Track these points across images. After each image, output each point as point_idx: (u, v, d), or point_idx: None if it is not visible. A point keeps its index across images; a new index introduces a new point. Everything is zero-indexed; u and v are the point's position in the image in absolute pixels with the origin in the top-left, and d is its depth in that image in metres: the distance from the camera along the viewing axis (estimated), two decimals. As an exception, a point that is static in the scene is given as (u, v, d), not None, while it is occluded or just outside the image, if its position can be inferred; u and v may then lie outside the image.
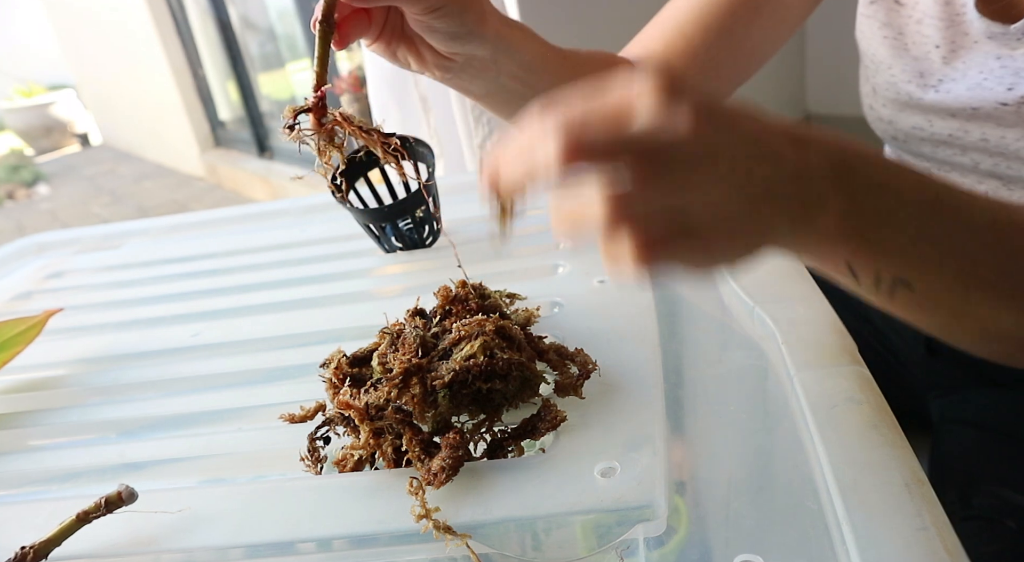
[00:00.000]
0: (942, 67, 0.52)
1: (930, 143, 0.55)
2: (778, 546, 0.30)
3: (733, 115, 0.29)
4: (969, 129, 0.52)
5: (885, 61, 0.56)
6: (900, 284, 0.35)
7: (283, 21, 3.46)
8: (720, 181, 0.28)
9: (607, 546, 0.31)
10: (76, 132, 6.48)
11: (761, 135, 0.30)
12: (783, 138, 0.30)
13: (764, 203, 0.30)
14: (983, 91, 0.50)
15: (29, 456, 0.44)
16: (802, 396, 0.37)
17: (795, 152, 0.31)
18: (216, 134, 4.33)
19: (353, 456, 0.36)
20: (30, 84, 6.63)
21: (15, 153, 6.32)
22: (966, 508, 0.51)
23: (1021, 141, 0.49)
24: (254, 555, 0.33)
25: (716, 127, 0.28)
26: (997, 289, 0.35)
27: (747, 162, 0.29)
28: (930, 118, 0.53)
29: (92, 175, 5.20)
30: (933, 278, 0.35)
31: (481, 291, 0.43)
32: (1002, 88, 0.49)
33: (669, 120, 0.27)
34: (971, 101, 0.51)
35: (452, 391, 0.35)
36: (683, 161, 0.27)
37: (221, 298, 0.62)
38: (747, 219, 0.30)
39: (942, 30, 0.51)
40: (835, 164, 0.32)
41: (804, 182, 0.31)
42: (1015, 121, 0.49)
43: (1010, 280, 0.35)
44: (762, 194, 0.30)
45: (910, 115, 0.55)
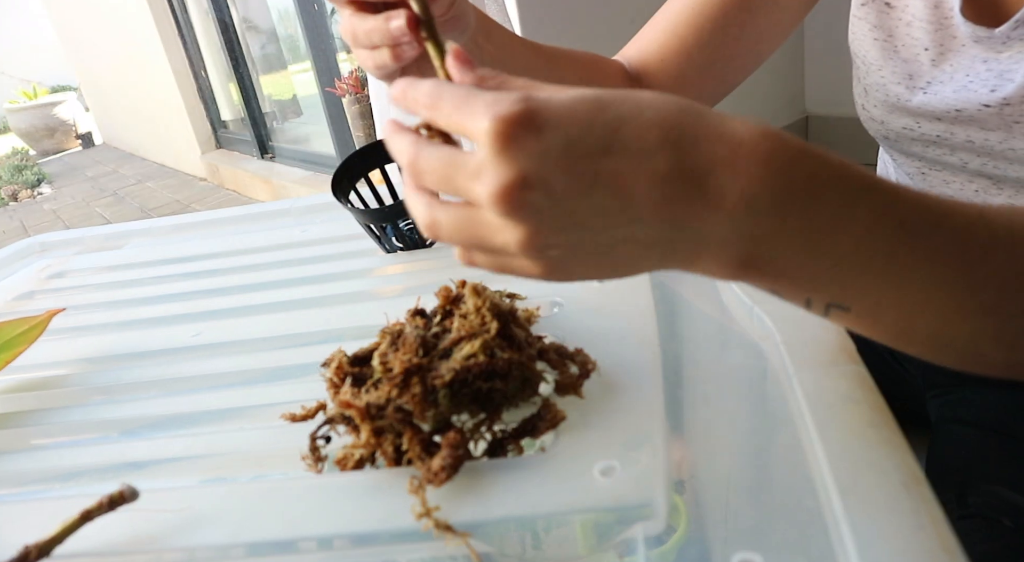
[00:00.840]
0: (931, 69, 0.52)
1: (920, 143, 0.55)
2: (777, 545, 0.30)
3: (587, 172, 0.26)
4: (955, 131, 0.52)
5: (875, 63, 0.56)
6: (834, 308, 0.32)
7: (285, 23, 3.46)
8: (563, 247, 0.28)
9: (607, 545, 0.31)
10: (79, 133, 6.50)
11: (622, 195, 0.27)
12: (662, 196, 0.27)
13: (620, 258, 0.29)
14: (968, 93, 0.50)
15: (32, 455, 0.44)
16: (801, 396, 0.37)
17: (684, 216, 0.27)
18: (218, 135, 4.34)
19: (354, 455, 0.36)
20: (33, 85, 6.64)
21: (18, 154, 6.33)
22: (963, 507, 0.52)
23: (1004, 144, 0.49)
24: (255, 553, 0.33)
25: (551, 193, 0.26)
26: (948, 307, 0.31)
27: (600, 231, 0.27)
28: (918, 120, 0.54)
29: (94, 176, 5.21)
30: (871, 305, 0.31)
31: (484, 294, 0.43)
32: (986, 90, 0.49)
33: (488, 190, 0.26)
34: (956, 103, 0.51)
35: (452, 390, 0.35)
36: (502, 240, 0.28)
37: (222, 298, 0.62)
38: (606, 273, 0.30)
39: (931, 33, 0.52)
40: (751, 234, 0.28)
41: (698, 249, 0.28)
42: (997, 124, 0.49)
43: (964, 296, 0.31)
44: (620, 252, 0.29)
45: (899, 117, 0.55)
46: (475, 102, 0.27)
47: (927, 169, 0.57)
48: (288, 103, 3.81)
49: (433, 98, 0.30)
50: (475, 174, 0.27)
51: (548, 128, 0.26)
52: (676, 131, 0.27)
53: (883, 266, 0.30)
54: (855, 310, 0.31)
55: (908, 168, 0.59)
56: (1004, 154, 0.50)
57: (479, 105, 0.27)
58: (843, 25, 0.60)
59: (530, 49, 0.59)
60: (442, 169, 0.28)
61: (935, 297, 0.31)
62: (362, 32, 0.44)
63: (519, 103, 0.26)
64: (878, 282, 0.30)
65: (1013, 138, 0.49)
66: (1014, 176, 0.50)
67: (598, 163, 0.26)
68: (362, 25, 0.44)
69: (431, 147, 0.29)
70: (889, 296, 0.31)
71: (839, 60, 2.08)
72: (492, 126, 0.26)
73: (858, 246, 0.29)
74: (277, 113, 3.82)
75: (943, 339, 0.33)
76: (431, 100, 0.30)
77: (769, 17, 0.62)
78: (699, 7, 0.62)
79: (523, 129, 0.26)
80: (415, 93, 0.31)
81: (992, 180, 0.52)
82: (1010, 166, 0.50)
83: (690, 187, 0.27)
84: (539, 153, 0.26)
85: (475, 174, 0.27)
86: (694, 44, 0.62)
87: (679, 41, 0.62)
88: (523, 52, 0.57)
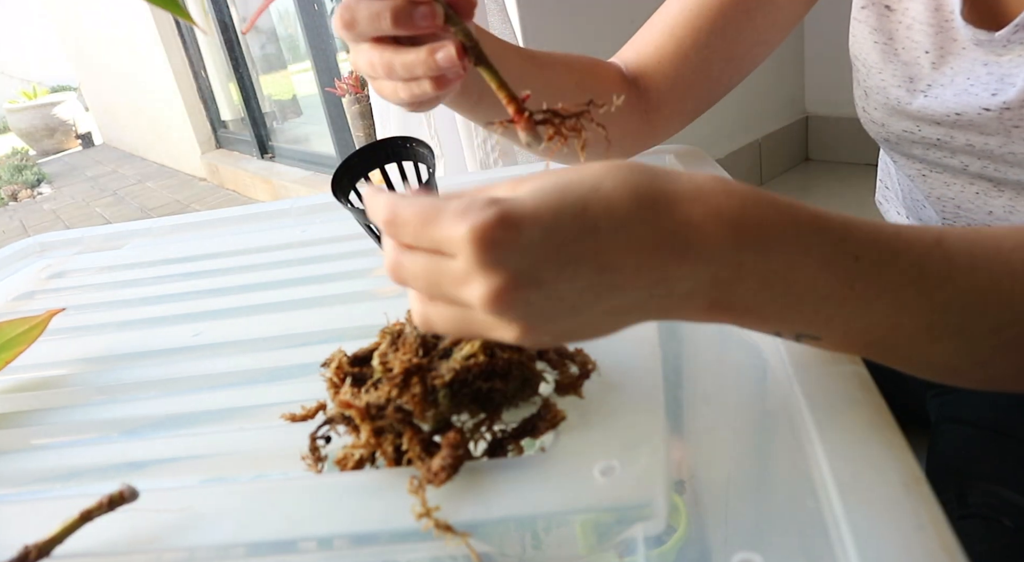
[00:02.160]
0: (931, 72, 0.52)
1: (920, 146, 0.55)
2: (777, 545, 0.30)
3: (571, 257, 0.27)
4: (955, 135, 0.52)
5: (876, 65, 0.56)
6: (804, 336, 0.33)
7: (285, 22, 3.46)
8: (553, 332, 0.29)
9: (607, 545, 0.31)
10: (79, 133, 6.50)
11: (605, 271, 0.28)
12: (637, 263, 0.28)
13: (603, 326, 0.30)
14: (968, 97, 0.50)
15: (32, 455, 0.44)
16: (801, 396, 0.37)
17: (656, 280, 0.29)
18: (218, 135, 4.34)
19: (354, 455, 0.36)
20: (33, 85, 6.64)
21: (18, 154, 6.34)
22: (963, 507, 0.52)
23: (1004, 147, 0.49)
24: (255, 553, 0.33)
25: (541, 287, 0.27)
26: (918, 330, 0.33)
27: (586, 311, 0.29)
28: (918, 124, 0.54)
29: (94, 176, 5.21)
30: (839, 333, 0.33)
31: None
32: (986, 94, 0.49)
33: (479, 296, 0.27)
34: (956, 107, 0.51)
35: (452, 390, 0.35)
36: (499, 336, 0.29)
37: (222, 298, 0.62)
38: (587, 334, 0.31)
39: (931, 36, 0.51)
40: (712, 282, 0.29)
41: (669, 303, 0.30)
42: (997, 128, 0.49)
43: (932, 320, 0.32)
44: (603, 322, 0.30)
45: (900, 120, 0.55)
46: (442, 215, 0.27)
47: (928, 171, 0.57)
48: (288, 103, 3.81)
49: (394, 215, 0.29)
50: (462, 281, 0.28)
51: (524, 225, 0.27)
52: (649, 198, 0.28)
53: (843, 299, 0.31)
54: (825, 338, 0.33)
55: (909, 170, 0.59)
56: (1004, 158, 0.50)
57: (448, 217, 0.27)
58: (843, 25, 0.60)
59: (524, 57, 0.58)
60: (427, 276, 0.29)
61: (902, 323, 0.32)
62: (401, 65, 0.43)
63: (489, 207, 0.27)
64: (842, 313, 0.31)
65: (1012, 142, 0.49)
66: (1014, 179, 0.50)
67: (579, 245, 0.27)
68: (401, 59, 0.43)
69: (413, 255, 0.29)
70: (856, 324, 0.32)
71: (839, 61, 2.09)
72: (471, 235, 0.26)
73: (815, 283, 0.30)
74: (277, 113, 3.82)
75: (919, 359, 0.35)
76: (392, 218, 0.29)
77: (767, 18, 0.62)
78: (696, 8, 0.61)
79: (501, 231, 0.26)
80: (374, 208, 0.30)
81: (993, 182, 0.52)
82: (1010, 169, 0.50)
83: (666, 250, 0.28)
84: (522, 250, 0.27)
85: (462, 281, 0.28)
86: (691, 46, 0.62)
87: (676, 43, 0.62)
88: (516, 60, 0.57)
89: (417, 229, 0.28)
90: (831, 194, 2.28)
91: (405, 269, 0.30)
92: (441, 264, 0.28)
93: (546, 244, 0.27)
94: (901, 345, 0.33)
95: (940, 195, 0.57)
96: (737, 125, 2.28)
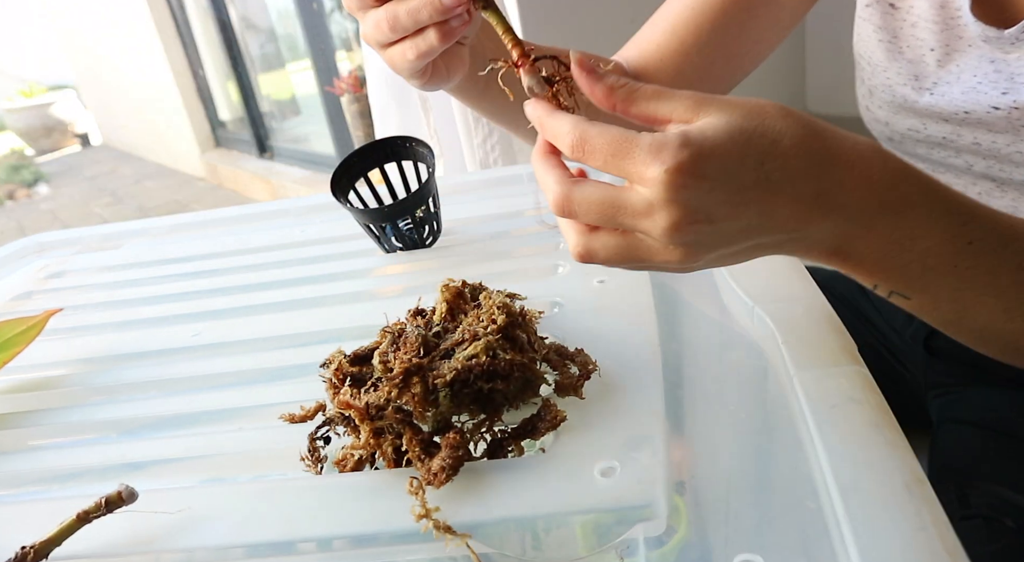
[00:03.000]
0: (937, 70, 0.52)
1: (925, 145, 0.55)
2: (778, 546, 0.30)
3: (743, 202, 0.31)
4: (962, 133, 0.52)
5: (881, 64, 0.55)
6: (896, 294, 0.37)
7: (283, 21, 3.46)
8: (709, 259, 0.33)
9: (607, 546, 0.31)
10: (76, 132, 6.49)
11: (765, 216, 0.32)
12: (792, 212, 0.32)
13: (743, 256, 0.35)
14: (977, 95, 0.50)
15: (29, 456, 0.44)
16: (802, 396, 0.37)
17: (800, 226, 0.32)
18: (216, 134, 4.33)
19: (353, 456, 0.36)
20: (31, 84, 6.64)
21: (16, 153, 6.33)
22: (964, 507, 0.52)
23: (1012, 146, 0.49)
24: (254, 554, 0.33)
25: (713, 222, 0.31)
26: (997, 310, 0.36)
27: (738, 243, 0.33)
28: (924, 121, 0.53)
29: (92, 175, 5.21)
30: (929, 298, 0.37)
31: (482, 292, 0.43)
32: (996, 92, 0.49)
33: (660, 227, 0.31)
34: (964, 104, 0.51)
35: (453, 390, 0.35)
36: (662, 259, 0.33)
37: (221, 298, 0.62)
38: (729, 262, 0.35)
39: (937, 33, 0.51)
40: (844, 235, 0.33)
41: (800, 245, 0.34)
42: (1005, 127, 0.49)
43: (1013, 304, 0.36)
44: (745, 253, 0.34)
45: (905, 117, 0.55)
46: (635, 150, 0.30)
47: (930, 171, 0.57)
48: (287, 102, 3.81)
49: (583, 142, 0.31)
50: (644, 213, 0.31)
51: (711, 171, 0.30)
52: (816, 158, 0.32)
53: (946, 273, 0.35)
54: (915, 300, 0.37)
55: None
56: (1011, 157, 0.49)
57: (641, 153, 0.30)
58: (844, 24, 0.60)
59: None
60: (601, 209, 0.32)
61: (986, 301, 0.36)
62: (405, 13, 0.41)
63: (683, 150, 0.30)
64: (939, 283, 0.35)
65: (1021, 141, 0.48)
66: (1019, 179, 0.50)
67: (752, 192, 0.31)
68: (405, 5, 0.41)
69: (584, 186, 0.32)
70: (945, 295, 0.36)
71: (841, 60, 2.09)
72: (664, 175, 0.29)
73: (927, 256, 0.34)
74: (276, 112, 3.82)
75: (988, 334, 0.38)
76: (580, 143, 0.32)
77: (769, 16, 0.62)
78: (699, 7, 0.61)
79: (691, 177, 0.30)
80: (558, 130, 0.33)
81: (996, 183, 0.52)
82: (1016, 169, 0.50)
83: (818, 206, 0.32)
84: (706, 192, 0.30)
85: (644, 213, 0.31)
86: (693, 44, 0.62)
87: (678, 41, 0.62)
88: None
89: (607, 158, 0.31)
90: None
91: (576, 201, 0.32)
92: (623, 195, 0.31)
93: (727, 188, 0.30)
94: (978, 320, 0.37)
95: None
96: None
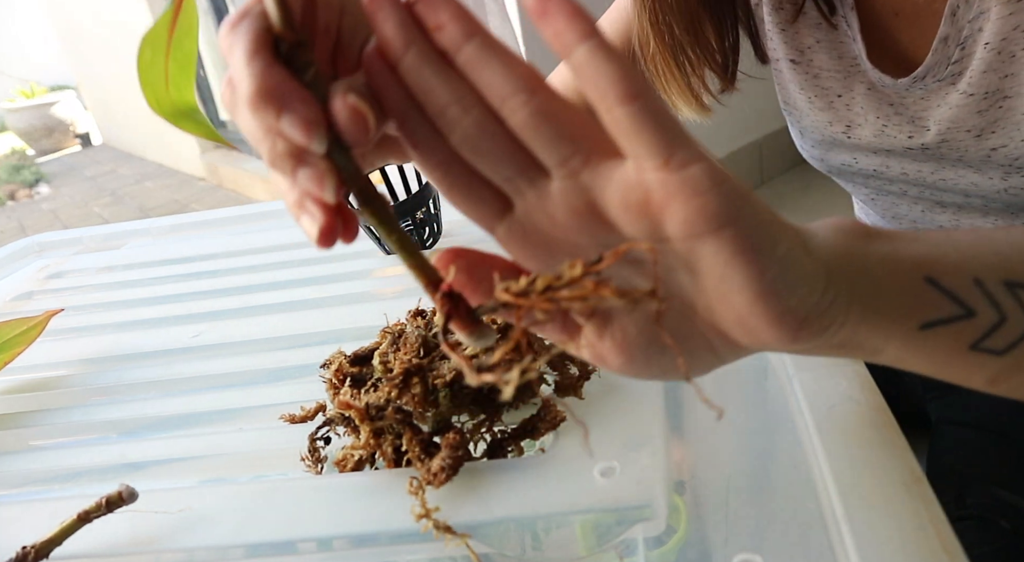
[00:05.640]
0: (847, 113, 0.53)
1: (861, 176, 0.56)
2: (777, 545, 0.30)
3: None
4: (890, 164, 0.53)
5: (804, 109, 0.56)
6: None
7: (284, 22, 3.46)
8: None
9: (607, 545, 0.31)
10: (77, 132, 6.49)
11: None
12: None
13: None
14: (887, 137, 0.51)
15: (30, 456, 0.44)
16: (801, 396, 0.37)
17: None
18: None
19: (353, 456, 0.36)
20: (31, 84, 6.64)
21: (16, 153, 6.33)
22: (961, 508, 0.52)
23: (935, 175, 0.50)
24: (254, 554, 0.33)
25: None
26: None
27: None
28: (855, 155, 0.55)
29: (93, 175, 5.21)
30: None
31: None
32: (903, 136, 0.50)
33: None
34: (881, 144, 0.52)
35: (453, 391, 0.35)
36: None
37: (222, 299, 0.62)
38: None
39: (840, 81, 0.52)
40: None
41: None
42: (925, 159, 0.50)
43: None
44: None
45: (838, 153, 0.56)
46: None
47: (875, 195, 0.58)
48: (287, 103, 3.81)
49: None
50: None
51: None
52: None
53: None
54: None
55: (859, 195, 0.61)
56: (936, 184, 0.51)
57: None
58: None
59: None
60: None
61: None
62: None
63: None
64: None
65: (943, 169, 0.50)
66: (951, 201, 0.52)
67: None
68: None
69: None
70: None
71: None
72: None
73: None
74: (276, 113, 3.82)
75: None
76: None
77: None
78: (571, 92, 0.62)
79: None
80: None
81: (931, 202, 0.54)
82: (945, 193, 0.51)
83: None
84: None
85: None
86: None
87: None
88: None
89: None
90: (830, 195, 2.28)
91: None
92: None
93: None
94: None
95: (895, 214, 0.58)
96: (737, 125, 2.28)
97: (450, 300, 0.24)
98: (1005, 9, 0.41)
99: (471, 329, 0.24)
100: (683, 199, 0.22)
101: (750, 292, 0.23)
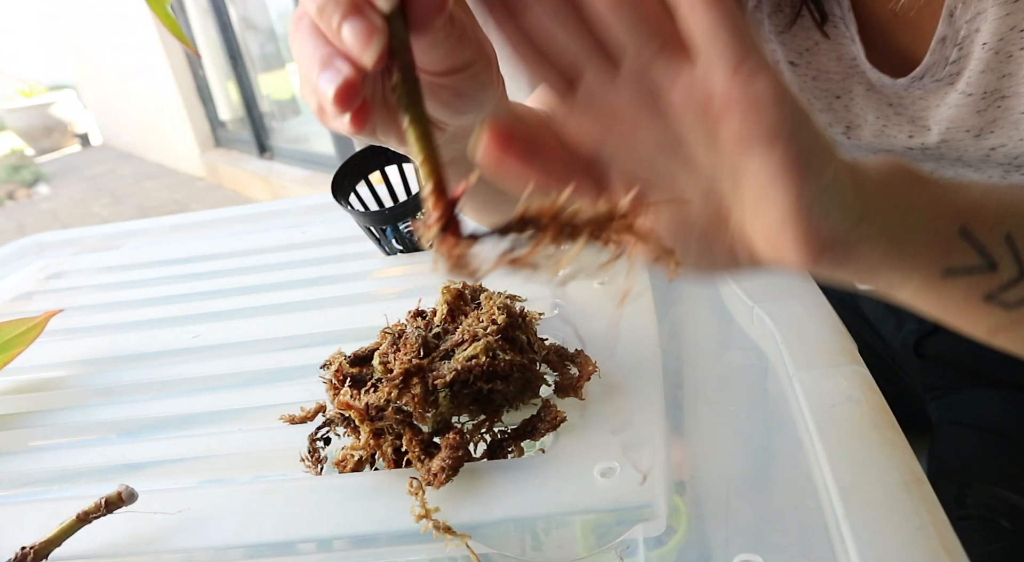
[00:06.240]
0: (847, 114, 0.53)
1: None
2: (777, 545, 0.30)
3: None
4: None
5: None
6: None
7: (284, 21, 3.46)
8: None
9: (607, 546, 0.31)
10: (77, 132, 6.49)
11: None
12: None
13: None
14: (887, 137, 0.51)
15: (29, 456, 0.44)
16: (801, 396, 0.37)
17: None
18: (216, 134, 4.33)
19: (353, 456, 0.36)
20: (31, 84, 6.63)
21: (16, 153, 6.33)
22: (961, 508, 0.52)
23: (935, 173, 0.51)
24: (254, 555, 0.33)
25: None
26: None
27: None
28: (855, 156, 0.55)
29: (92, 175, 5.21)
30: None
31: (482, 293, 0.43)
32: (903, 136, 0.50)
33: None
34: (881, 145, 0.52)
35: (453, 391, 0.35)
36: None
37: (222, 299, 0.62)
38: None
39: (839, 81, 0.53)
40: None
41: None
42: (925, 159, 0.50)
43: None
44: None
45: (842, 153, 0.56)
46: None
47: None
48: (287, 102, 3.81)
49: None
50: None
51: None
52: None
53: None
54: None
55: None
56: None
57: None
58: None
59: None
60: None
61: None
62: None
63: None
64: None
65: (942, 169, 0.50)
66: None
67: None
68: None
69: None
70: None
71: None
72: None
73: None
74: (276, 112, 3.82)
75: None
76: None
77: None
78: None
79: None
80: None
81: None
82: None
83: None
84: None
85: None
86: None
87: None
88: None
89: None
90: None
91: None
92: None
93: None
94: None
95: None
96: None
97: (451, 210, 0.23)
98: (1002, 10, 0.41)
99: (457, 250, 0.22)
100: (743, 108, 0.22)
101: (785, 208, 0.23)
